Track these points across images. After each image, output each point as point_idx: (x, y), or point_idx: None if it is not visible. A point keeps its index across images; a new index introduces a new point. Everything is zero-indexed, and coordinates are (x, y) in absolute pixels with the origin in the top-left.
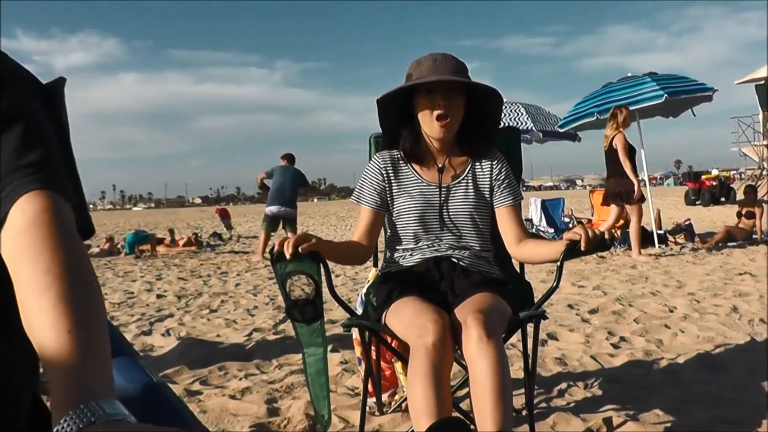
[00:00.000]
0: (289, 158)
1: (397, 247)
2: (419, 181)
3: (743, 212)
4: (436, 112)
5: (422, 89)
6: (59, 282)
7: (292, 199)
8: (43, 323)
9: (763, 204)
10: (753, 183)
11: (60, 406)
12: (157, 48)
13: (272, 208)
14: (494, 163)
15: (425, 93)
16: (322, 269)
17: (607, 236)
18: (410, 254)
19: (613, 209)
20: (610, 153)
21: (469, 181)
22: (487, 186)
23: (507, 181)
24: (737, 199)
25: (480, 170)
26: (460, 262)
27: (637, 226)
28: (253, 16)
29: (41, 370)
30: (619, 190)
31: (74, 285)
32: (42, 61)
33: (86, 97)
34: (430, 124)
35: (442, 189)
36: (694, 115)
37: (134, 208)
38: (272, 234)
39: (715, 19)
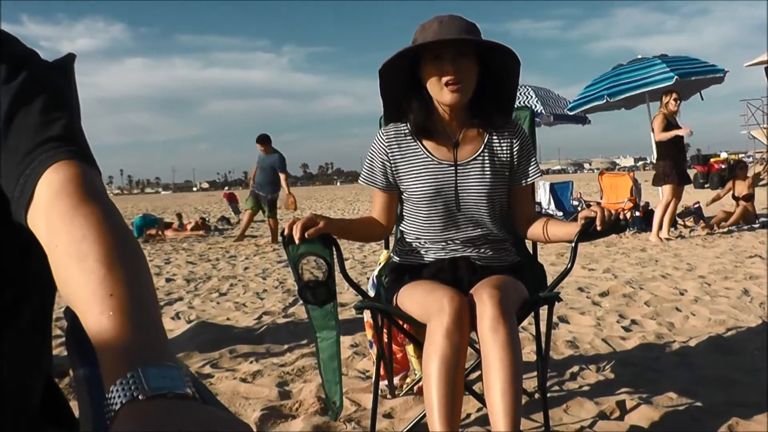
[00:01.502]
0: (264, 140)
1: (410, 233)
2: (429, 159)
3: (740, 196)
4: (445, 78)
5: (429, 54)
6: (97, 247)
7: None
8: (83, 291)
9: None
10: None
11: (107, 376)
12: (165, 33)
13: (260, 193)
14: (514, 138)
15: (432, 59)
16: (335, 251)
17: (621, 217)
18: (424, 249)
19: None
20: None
21: (486, 157)
22: (507, 162)
23: (527, 156)
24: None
25: (498, 145)
26: (478, 262)
27: (661, 208)
28: (260, 1)
29: (54, 351)
30: (657, 171)
31: (113, 248)
32: (48, 47)
33: (93, 82)
34: (440, 92)
35: (459, 167)
36: (702, 99)
37: (162, 191)
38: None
39: (725, 0)
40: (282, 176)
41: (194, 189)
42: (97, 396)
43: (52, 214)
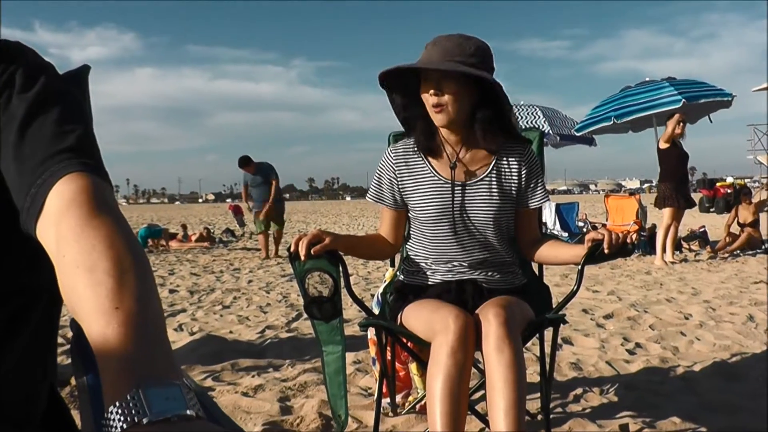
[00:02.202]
0: (245, 162)
1: (417, 253)
2: (435, 177)
3: (745, 222)
4: (430, 100)
5: (422, 75)
6: (106, 259)
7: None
8: (89, 302)
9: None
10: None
11: (108, 390)
12: (174, 43)
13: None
14: (523, 160)
15: (423, 80)
16: (341, 267)
17: (629, 241)
18: (430, 270)
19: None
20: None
21: (493, 179)
22: (515, 185)
23: (536, 179)
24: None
25: (506, 167)
26: (485, 285)
27: (662, 232)
28: (271, 14)
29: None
30: (659, 193)
31: (121, 261)
32: (58, 54)
33: (103, 90)
34: (430, 112)
35: (456, 187)
36: (711, 122)
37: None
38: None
39: (733, 26)
40: (273, 182)
41: (200, 200)
42: (100, 406)
43: (62, 224)
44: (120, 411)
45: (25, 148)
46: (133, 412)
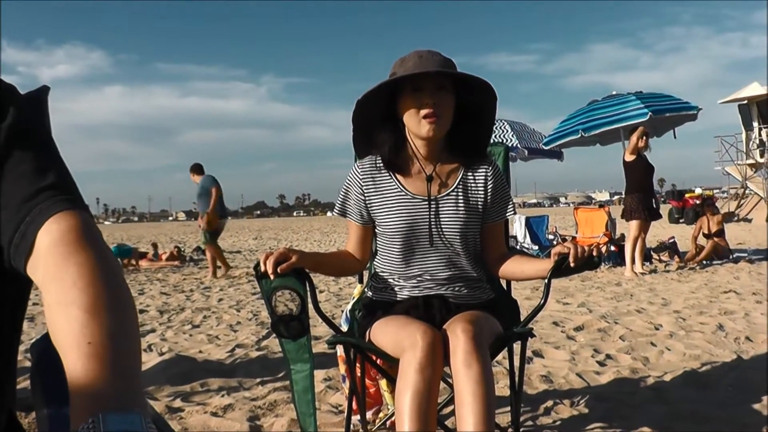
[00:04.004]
0: (193, 169)
1: (384, 269)
2: (403, 193)
3: (711, 233)
4: (423, 111)
5: (408, 87)
6: (84, 294)
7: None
8: (66, 336)
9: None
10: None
11: (73, 420)
12: (143, 61)
13: (225, 222)
14: (489, 174)
15: (411, 91)
16: (308, 285)
17: (595, 253)
18: (398, 286)
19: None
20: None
21: (460, 192)
22: (481, 199)
23: (502, 194)
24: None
25: (473, 180)
26: (452, 300)
27: (631, 243)
28: (239, 31)
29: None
30: (625, 206)
31: (99, 297)
32: (26, 73)
33: (71, 109)
34: (417, 124)
35: (431, 202)
36: (675, 137)
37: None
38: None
39: (698, 39)
40: (213, 190)
41: (170, 218)
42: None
43: (49, 260)
44: None
45: (4, 184)
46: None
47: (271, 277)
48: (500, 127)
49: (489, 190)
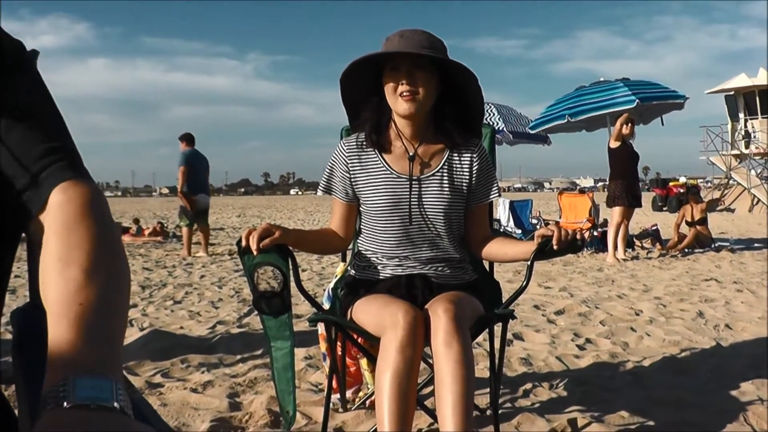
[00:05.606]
0: (192, 140)
1: (367, 247)
2: (387, 171)
3: (694, 221)
4: (400, 88)
5: (388, 65)
6: (87, 257)
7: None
8: (60, 293)
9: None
10: (695, 187)
11: (47, 382)
12: (129, 34)
13: (206, 199)
14: (475, 155)
15: (390, 69)
16: (290, 262)
17: (578, 237)
18: (381, 265)
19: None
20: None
21: (444, 173)
22: (466, 181)
23: (487, 176)
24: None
25: (458, 162)
26: (435, 280)
27: (613, 229)
28: (227, 7)
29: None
30: (609, 192)
31: (100, 263)
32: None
33: (54, 80)
34: (395, 102)
35: (413, 181)
36: (663, 124)
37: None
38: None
39: (687, 29)
40: (181, 168)
41: (154, 194)
42: (36, 402)
43: (58, 217)
44: (50, 395)
45: (23, 127)
46: (60, 395)
47: (254, 253)
48: (487, 110)
49: (474, 172)
